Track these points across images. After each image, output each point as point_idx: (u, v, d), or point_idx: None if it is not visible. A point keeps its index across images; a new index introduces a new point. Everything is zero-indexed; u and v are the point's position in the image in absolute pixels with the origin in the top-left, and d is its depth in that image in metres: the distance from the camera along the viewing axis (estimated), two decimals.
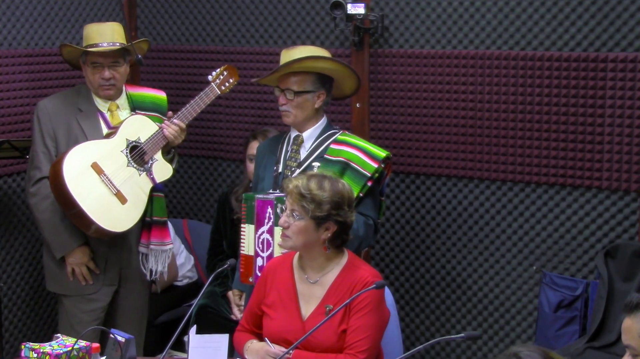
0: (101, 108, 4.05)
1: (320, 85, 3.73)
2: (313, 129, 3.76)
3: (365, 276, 3.10)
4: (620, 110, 4.00)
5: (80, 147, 3.85)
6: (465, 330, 4.47)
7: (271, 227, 3.51)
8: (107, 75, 3.97)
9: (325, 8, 4.62)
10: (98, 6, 4.96)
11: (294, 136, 3.79)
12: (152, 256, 4.08)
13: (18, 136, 4.50)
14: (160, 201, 4.08)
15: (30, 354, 2.95)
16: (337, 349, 3.06)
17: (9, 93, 4.50)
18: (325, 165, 3.64)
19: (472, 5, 4.30)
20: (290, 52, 3.75)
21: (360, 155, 3.67)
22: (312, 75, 3.72)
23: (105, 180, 3.84)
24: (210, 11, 4.97)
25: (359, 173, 3.63)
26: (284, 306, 3.16)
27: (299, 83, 3.70)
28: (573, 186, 4.16)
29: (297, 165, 3.72)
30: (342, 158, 3.66)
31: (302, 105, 3.71)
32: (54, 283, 4.11)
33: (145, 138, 3.95)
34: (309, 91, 3.71)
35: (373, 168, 3.64)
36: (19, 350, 3.06)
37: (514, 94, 4.21)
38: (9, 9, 4.50)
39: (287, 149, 3.78)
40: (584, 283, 4.07)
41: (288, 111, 3.72)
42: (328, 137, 3.74)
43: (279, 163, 3.76)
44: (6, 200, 4.55)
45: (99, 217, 3.80)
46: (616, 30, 3.99)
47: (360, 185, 3.61)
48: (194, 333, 3.01)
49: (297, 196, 3.07)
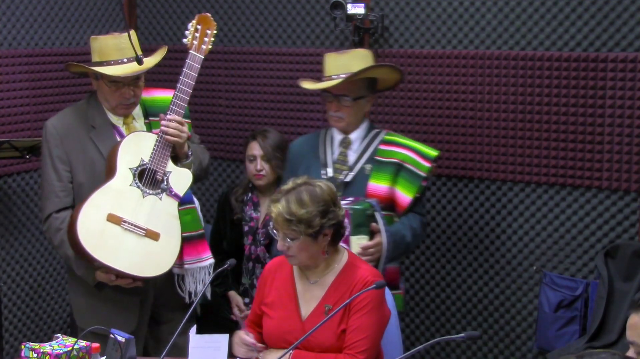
0: (115, 121, 3.66)
1: (371, 90, 3.79)
2: (359, 130, 3.77)
3: (365, 275, 3.10)
4: (620, 110, 4.00)
5: (85, 206, 3.44)
6: (465, 330, 4.47)
7: (347, 237, 3.45)
8: (129, 95, 3.58)
9: (325, 8, 4.62)
10: (98, 6, 4.96)
11: (341, 138, 3.78)
12: (188, 276, 3.68)
13: (18, 136, 4.49)
14: (189, 214, 3.68)
15: (30, 354, 2.95)
16: (336, 349, 3.06)
17: (9, 93, 4.50)
18: (377, 167, 3.66)
19: (472, 5, 4.30)
20: (341, 57, 3.74)
21: (413, 155, 3.69)
22: (364, 81, 3.74)
23: (128, 228, 3.48)
24: (210, 11, 4.97)
25: (414, 174, 3.65)
26: (283, 306, 3.16)
27: (355, 90, 3.72)
28: (573, 186, 4.16)
29: (348, 168, 3.72)
30: (395, 159, 3.68)
31: (357, 110, 3.73)
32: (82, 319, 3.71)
33: (148, 156, 3.54)
34: (363, 96, 3.74)
35: (427, 168, 3.67)
36: (19, 350, 3.06)
37: (514, 94, 4.21)
38: (9, 9, 4.50)
39: (332, 151, 3.77)
40: (584, 283, 4.07)
41: (342, 117, 3.72)
42: (374, 137, 3.76)
43: (327, 167, 3.74)
44: (6, 200, 4.55)
45: (140, 270, 3.48)
46: (616, 30, 3.99)
47: (417, 186, 3.64)
48: (194, 333, 3.02)
49: (284, 223, 3.03)
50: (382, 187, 3.66)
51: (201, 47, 3.65)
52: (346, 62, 3.71)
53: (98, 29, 4.96)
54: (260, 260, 4.25)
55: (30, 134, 4.57)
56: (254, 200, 4.28)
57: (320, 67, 4.69)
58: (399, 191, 3.66)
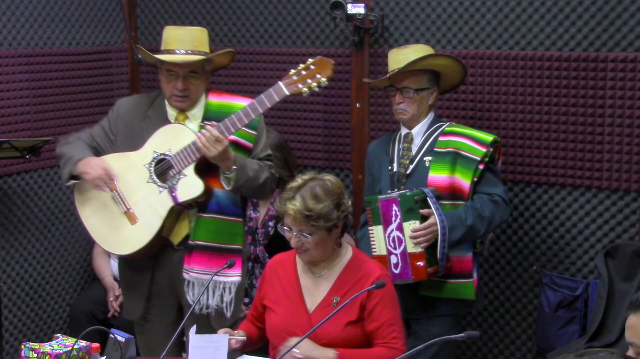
0: (170, 117, 3.66)
1: (434, 82, 3.85)
2: (421, 124, 3.85)
3: (373, 269, 3.17)
4: (620, 110, 4.00)
5: (104, 158, 3.60)
6: (465, 330, 4.47)
7: (399, 224, 3.59)
8: (181, 87, 3.57)
9: (325, 8, 4.62)
10: (98, 6, 4.96)
11: (404, 134, 3.87)
12: (198, 286, 3.58)
13: (18, 136, 4.50)
14: (213, 224, 3.59)
15: (30, 354, 2.95)
16: (341, 341, 3.10)
17: (9, 93, 4.50)
18: (436, 157, 3.74)
19: (472, 5, 4.30)
20: (402, 52, 3.83)
21: (468, 141, 3.74)
22: (426, 73, 3.82)
23: (115, 198, 3.57)
24: (210, 11, 4.97)
25: (469, 159, 3.70)
26: (289, 300, 3.20)
27: (417, 81, 3.80)
28: (573, 186, 4.16)
29: (409, 161, 3.80)
30: (451, 148, 3.74)
31: (420, 102, 3.81)
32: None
33: (176, 150, 3.52)
34: (425, 88, 3.81)
35: (482, 152, 3.71)
36: (19, 350, 3.06)
37: (514, 94, 4.21)
38: (9, 9, 4.50)
39: (399, 148, 3.86)
40: (584, 283, 4.07)
41: (405, 110, 3.81)
42: (435, 130, 3.82)
43: (393, 162, 3.85)
44: (6, 200, 4.55)
45: (99, 237, 3.61)
46: (616, 30, 3.99)
47: (472, 170, 3.69)
48: (194, 333, 3.02)
49: (303, 220, 3.05)
50: (442, 177, 3.72)
51: (296, 85, 3.46)
52: (407, 55, 3.79)
53: (98, 29, 4.97)
54: (259, 260, 4.25)
55: (30, 134, 4.57)
56: (253, 200, 4.28)
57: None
58: (458, 179, 3.72)
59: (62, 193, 4.83)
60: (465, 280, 3.72)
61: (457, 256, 3.72)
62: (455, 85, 4.02)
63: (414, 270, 3.59)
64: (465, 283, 3.72)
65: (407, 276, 3.61)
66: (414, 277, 3.60)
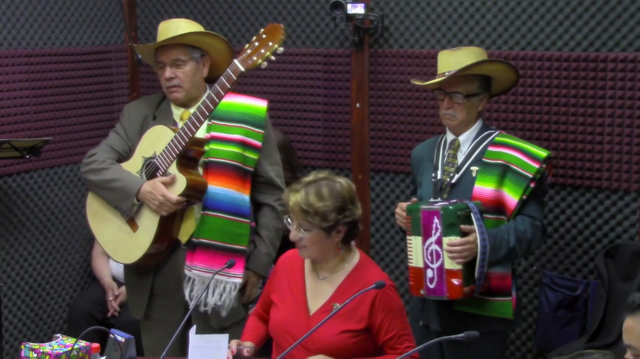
0: (174, 116, 3.68)
1: (485, 88, 3.65)
2: (470, 131, 3.65)
3: (376, 279, 3.09)
4: (620, 110, 4.00)
5: None
6: None
7: (439, 238, 3.40)
8: (167, 75, 3.58)
9: (325, 8, 4.62)
10: (98, 6, 4.97)
11: (451, 140, 3.68)
12: (199, 283, 3.57)
13: (18, 136, 4.50)
14: (216, 222, 3.58)
15: (30, 354, 2.95)
16: (335, 348, 3.07)
17: (9, 93, 4.50)
18: (484, 168, 3.56)
19: (472, 5, 4.30)
20: (455, 54, 3.62)
21: (520, 156, 3.55)
22: (478, 78, 3.62)
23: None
24: (210, 11, 4.97)
25: (521, 175, 3.51)
26: (293, 298, 3.20)
27: (468, 86, 3.58)
28: (573, 186, 4.16)
29: (455, 170, 3.62)
30: (502, 160, 3.55)
31: (469, 108, 3.61)
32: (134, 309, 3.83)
33: (160, 151, 3.54)
34: (476, 94, 3.62)
35: (534, 169, 3.51)
36: (19, 350, 3.07)
37: (513, 94, 4.21)
38: (9, 9, 4.50)
39: (444, 154, 3.68)
40: (584, 283, 4.07)
41: (453, 115, 3.60)
42: (484, 139, 3.64)
43: (437, 169, 3.66)
44: (6, 200, 4.55)
45: (111, 251, 3.67)
46: (616, 30, 3.99)
47: (523, 188, 3.50)
48: (194, 333, 3.02)
49: (300, 213, 3.06)
50: (488, 190, 3.54)
51: (250, 58, 3.33)
52: (459, 58, 3.59)
53: (98, 29, 4.97)
54: None
55: (30, 134, 4.57)
56: None
57: (320, 67, 4.70)
58: (506, 194, 3.53)
59: (62, 194, 4.83)
60: (504, 298, 3.56)
61: (498, 273, 3.56)
62: (505, 90, 3.84)
63: (449, 287, 3.41)
64: (504, 301, 3.55)
65: (441, 293, 3.44)
66: (448, 295, 3.42)
